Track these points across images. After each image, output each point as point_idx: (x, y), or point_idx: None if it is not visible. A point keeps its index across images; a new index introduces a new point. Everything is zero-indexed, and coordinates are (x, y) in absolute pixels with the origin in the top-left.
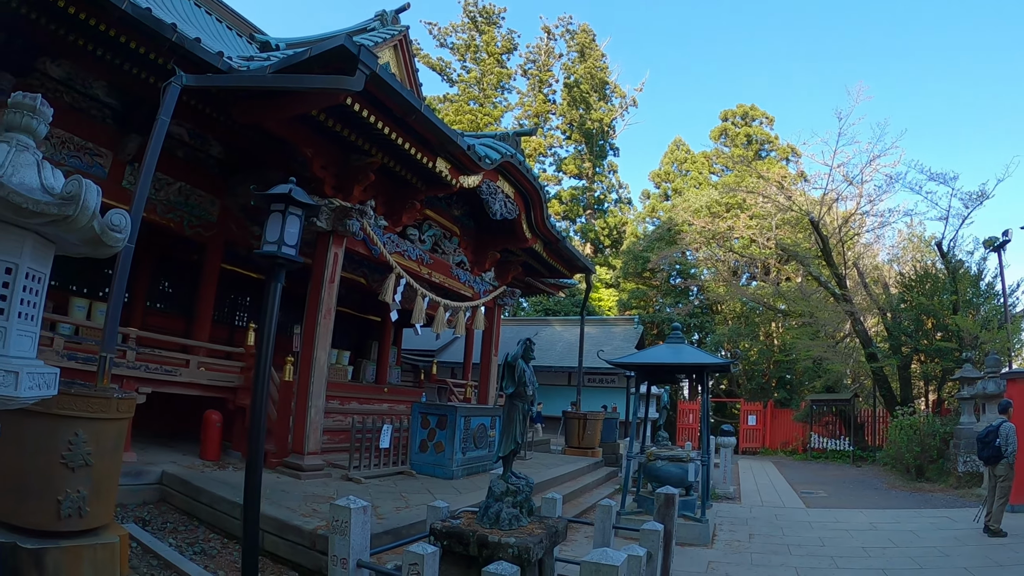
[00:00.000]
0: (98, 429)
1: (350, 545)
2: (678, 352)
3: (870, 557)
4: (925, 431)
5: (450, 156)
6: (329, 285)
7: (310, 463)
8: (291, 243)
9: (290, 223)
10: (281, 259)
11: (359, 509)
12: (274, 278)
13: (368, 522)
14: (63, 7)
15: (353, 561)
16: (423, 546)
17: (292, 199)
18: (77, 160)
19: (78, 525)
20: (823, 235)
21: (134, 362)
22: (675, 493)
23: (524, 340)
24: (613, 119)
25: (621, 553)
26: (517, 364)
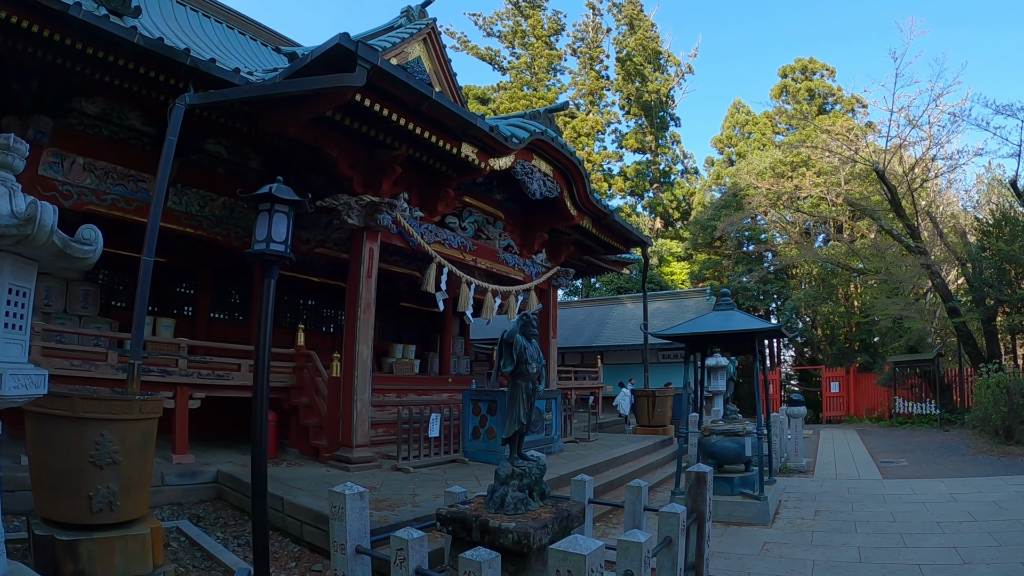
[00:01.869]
0: (123, 430)
1: (347, 531)
2: (728, 319)
3: (943, 533)
4: (1014, 389)
5: (474, 139)
6: (366, 280)
7: (359, 455)
8: (279, 240)
9: (277, 221)
10: (269, 256)
11: (355, 495)
12: (267, 275)
13: (366, 508)
14: (81, 48)
15: (351, 546)
16: (409, 531)
17: (275, 197)
18: (122, 188)
19: (109, 518)
20: (890, 185)
21: (186, 370)
22: (706, 471)
23: (522, 315)
24: (670, 89)
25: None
26: (515, 341)
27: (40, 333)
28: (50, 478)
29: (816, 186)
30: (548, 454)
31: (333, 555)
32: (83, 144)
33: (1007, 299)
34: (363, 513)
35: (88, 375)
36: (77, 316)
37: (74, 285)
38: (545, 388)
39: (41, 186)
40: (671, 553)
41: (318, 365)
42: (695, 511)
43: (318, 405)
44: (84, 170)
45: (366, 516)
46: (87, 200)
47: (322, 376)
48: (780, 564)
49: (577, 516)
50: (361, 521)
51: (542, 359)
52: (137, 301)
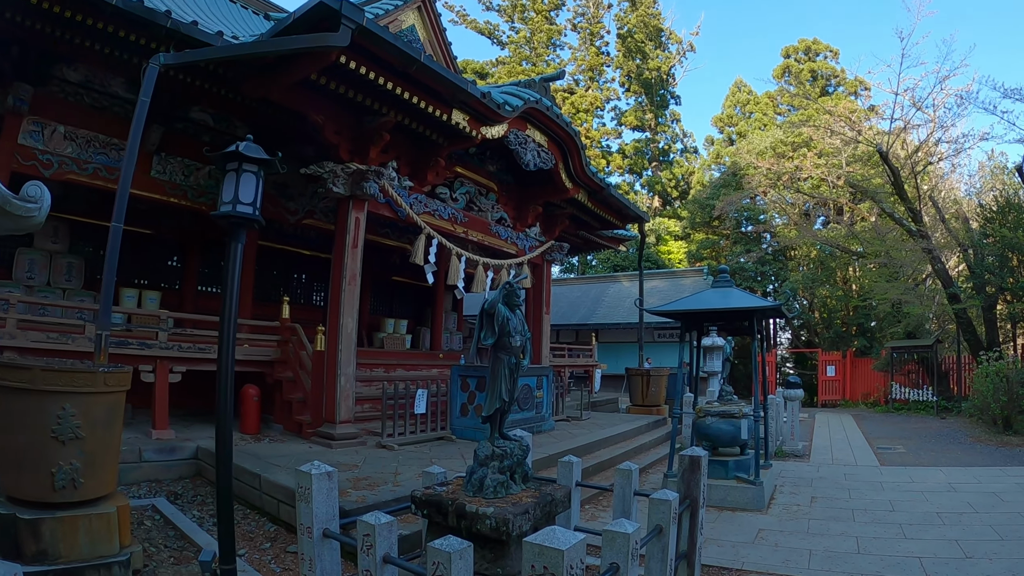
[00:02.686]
0: (87, 403)
1: (313, 513)
2: (725, 297)
3: (944, 525)
4: (1013, 378)
5: (465, 106)
6: (352, 250)
7: (342, 432)
8: (247, 201)
9: (245, 181)
10: (236, 218)
11: (322, 475)
12: (234, 239)
13: (334, 488)
14: (59, 12)
15: (317, 530)
16: (377, 515)
17: (243, 156)
18: (104, 156)
19: (73, 496)
20: (893, 167)
21: (167, 342)
22: (701, 455)
23: (504, 284)
24: (671, 67)
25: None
26: (496, 311)
27: (15, 304)
28: (12, 454)
29: (817, 167)
30: (538, 433)
31: (300, 538)
32: (64, 112)
33: (1009, 287)
34: (331, 494)
35: (65, 348)
36: (61, 289)
37: (58, 258)
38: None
39: (21, 155)
40: (662, 543)
41: (303, 338)
42: (688, 497)
43: (302, 380)
44: (65, 139)
45: (334, 497)
46: (68, 169)
47: (307, 350)
48: (775, 553)
49: (562, 501)
50: (329, 503)
51: (527, 331)
52: (105, 269)
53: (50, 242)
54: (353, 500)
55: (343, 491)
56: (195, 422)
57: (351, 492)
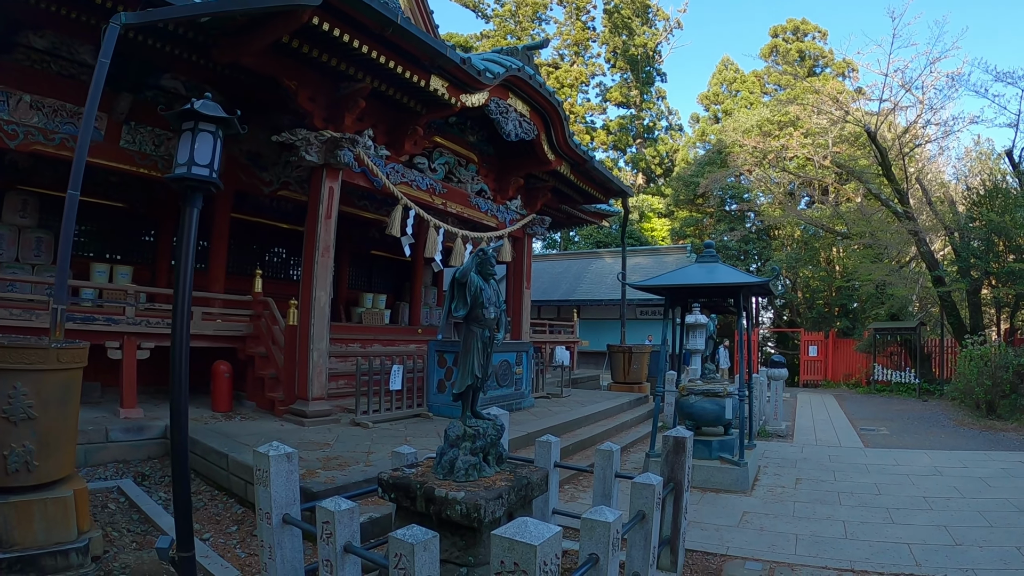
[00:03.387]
0: (39, 381)
1: (271, 498)
2: (711, 272)
3: (932, 510)
4: (997, 363)
5: (444, 72)
6: (325, 221)
7: (315, 409)
8: (203, 163)
9: (201, 140)
10: (191, 181)
11: (280, 457)
12: (189, 203)
13: (295, 471)
14: None
15: (277, 516)
16: (336, 501)
17: (199, 114)
18: (71, 126)
19: (27, 480)
20: (881, 148)
21: (134, 318)
22: (686, 436)
23: (478, 251)
24: (658, 43)
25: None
26: (469, 280)
27: None
28: None
29: (803, 147)
30: (517, 410)
31: (259, 524)
32: (30, 81)
33: (994, 272)
34: (291, 477)
35: (29, 324)
36: (30, 265)
37: (26, 232)
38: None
39: None
40: (644, 529)
41: (275, 313)
42: (672, 480)
43: (275, 355)
44: (31, 108)
45: (295, 480)
46: (34, 140)
47: (279, 325)
48: (760, 537)
49: (538, 484)
50: (289, 487)
51: (502, 303)
52: (61, 241)
53: (18, 216)
54: (322, 481)
55: (311, 471)
56: (165, 399)
57: (320, 473)
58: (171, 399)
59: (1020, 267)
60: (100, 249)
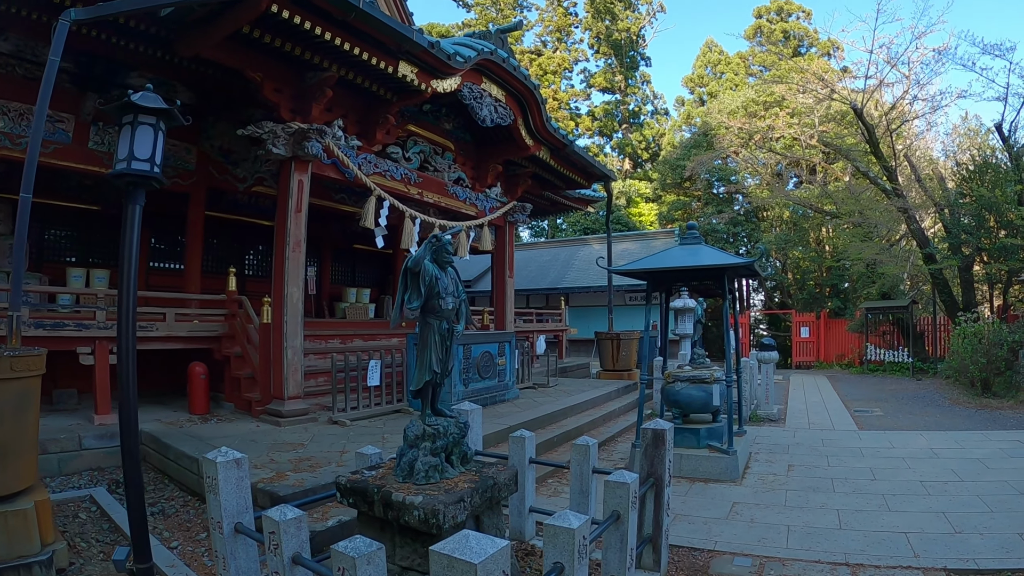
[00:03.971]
0: None
1: (221, 506)
2: (694, 254)
3: (929, 495)
4: (991, 340)
5: (413, 57)
6: (295, 215)
7: (291, 408)
8: (143, 156)
9: (141, 133)
10: (132, 176)
11: (229, 463)
12: (130, 200)
13: (245, 478)
14: None
15: (228, 525)
16: (283, 510)
17: (138, 106)
18: None
19: None
20: (868, 124)
21: (105, 322)
22: (665, 428)
23: (431, 237)
24: (641, 28)
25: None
26: (423, 269)
27: None
28: None
29: (790, 127)
30: (501, 402)
31: (212, 534)
32: None
33: (986, 248)
34: (242, 484)
35: None
36: (5, 273)
37: (1, 240)
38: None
39: None
40: (620, 531)
41: (249, 311)
42: (652, 475)
43: (250, 355)
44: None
45: (246, 487)
46: (0, 145)
47: (254, 323)
48: (751, 530)
49: (506, 484)
50: (240, 494)
51: (462, 292)
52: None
53: None
54: (290, 484)
55: (281, 474)
56: (144, 403)
57: (289, 475)
58: (119, 404)
59: (1012, 242)
60: (76, 253)
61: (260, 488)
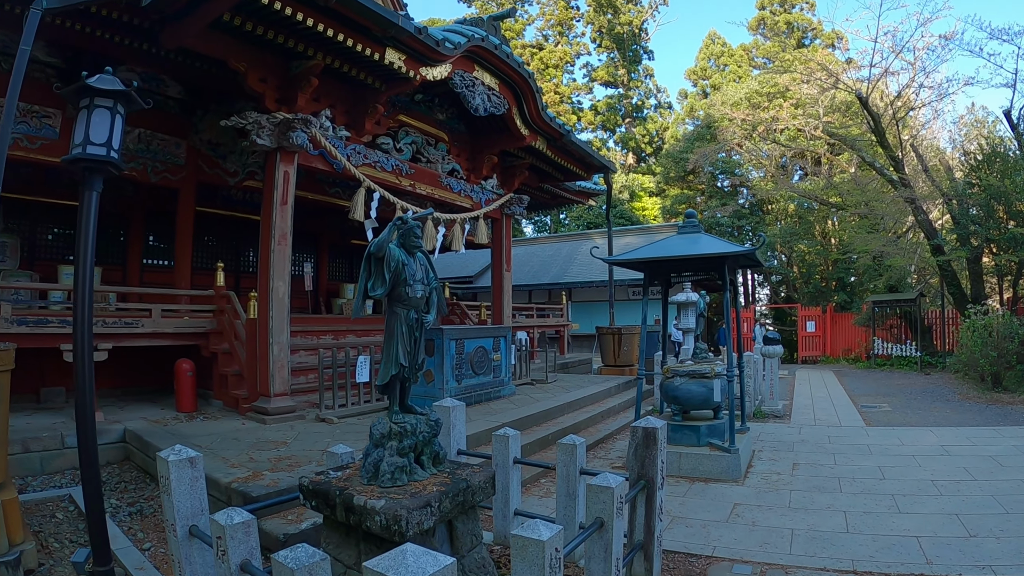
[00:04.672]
0: None
1: (175, 508)
2: (693, 243)
3: (941, 496)
4: (1001, 333)
5: (400, 44)
6: (281, 208)
7: (277, 406)
8: (99, 141)
9: (97, 117)
10: (87, 162)
11: (182, 462)
12: (87, 187)
13: (200, 478)
14: None
15: (182, 528)
16: (231, 513)
17: (94, 89)
18: (24, 126)
19: None
20: (874, 113)
21: None
22: (657, 427)
23: (396, 219)
24: (643, 21)
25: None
26: (388, 254)
27: None
28: None
29: (794, 118)
30: (496, 399)
31: (168, 537)
32: None
33: (995, 239)
34: (196, 484)
35: None
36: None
37: None
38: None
39: None
40: (604, 540)
41: (237, 307)
42: (643, 478)
43: (237, 351)
44: None
45: (201, 488)
46: None
47: (241, 319)
48: (752, 534)
49: (481, 487)
50: (194, 495)
51: (433, 280)
52: None
53: None
54: (264, 484)
55: (257, 473)
56: (133, 401)
57: (266, 475)
58: (76, 402)
59: (1022, 233)
60: (69, 251)
61: (234, 488)
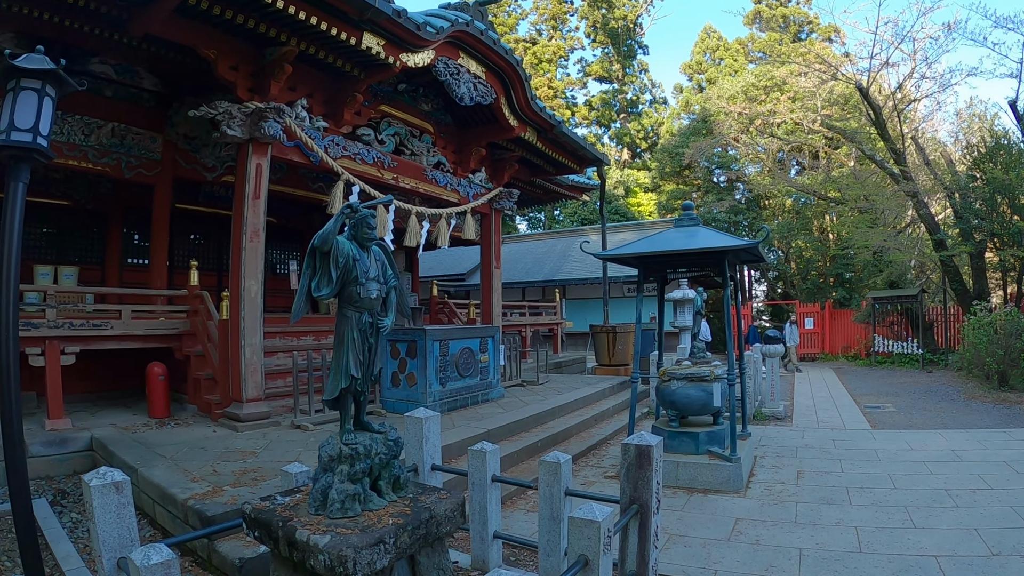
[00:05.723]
0: None
1: (99, 539)
2: (691, 237)
3: (957, 507)
4: (1007, 330)
5: (378, 28)
6: (253, 202)
7: (249, 412)
8: (24, 126)
9: (23, 100)
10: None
11: (106, 487)
12: (12, 176)
13: (128, 504)
14: None
15: (108, 561)
16: (148, 552)
17: (20, 69)
18: None
19: None
20: (874, 104)
21: (56, 320)
22: (651, 445)
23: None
24: (638, 16)
25: None
26: (336, 248)
27: None
28: None
29: (792, 111)
30: (483, 402)
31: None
32: None
33: (999, 233)
34: (124, 512)
35: None
36: None
37: None
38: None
39: None
40: None
41: (210, 307)
42: (636, 500)
43: (210, 354)
44: None
45: (129, 516)
46: None
47: (214, 320)
48: (756, 555)
49: (448, 516)
50: (121, 524)
51: (392, 278)
52: None
53: None
54: (223, 501)
55: (218, 488)
56: (108, 406)
57: (226, 490)
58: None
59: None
60: (45, 250)
61: (190, 506)
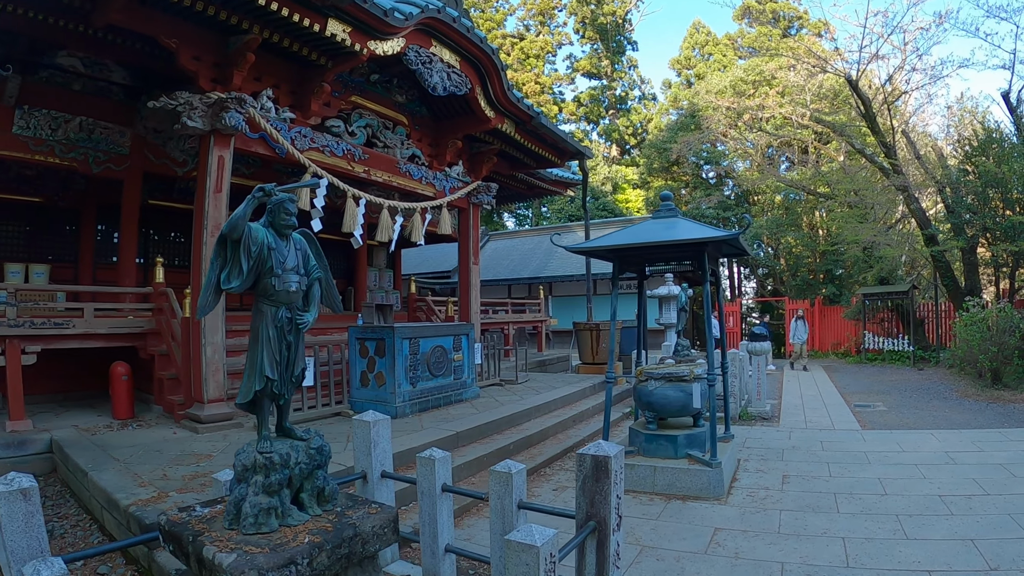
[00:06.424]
0: None
1: (7, 549)
2: (669, 228)
3: (952, 515)
4: (1000, 327)
5: (342, 14)
6: (215, 196)
7: (211, 413)
8: None
9: None
10: None
11: (13, 494)
12: None
13: (37, 512)
14: None
15: (15, 573)
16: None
17: None
18: None
19: None
20: (864, 96)
21: (15, 319)
22: (609, 455)
23: (257, 189)
24: (627, 12)
25: None
26: (248, 235)
27: None
28: None
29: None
30: (457, 402)
31: None
32: None
33: (991, 227)
34: (32, 521)
35: None
36: None
37: None
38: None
39: None
40: None
41: (174, 304)
42: (592, 517)
43: (173, 353)
44: None
45: (38, 526)
46: None
47: (178, 318)
48: (734, 571)
49: (376, 534)
50: (30, 534)
51: (314, 269)
52: None
53: None
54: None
55: (163, 494)
56: (74, 407)
57: (171, 495)
58: None
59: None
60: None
61: (131, 512)
